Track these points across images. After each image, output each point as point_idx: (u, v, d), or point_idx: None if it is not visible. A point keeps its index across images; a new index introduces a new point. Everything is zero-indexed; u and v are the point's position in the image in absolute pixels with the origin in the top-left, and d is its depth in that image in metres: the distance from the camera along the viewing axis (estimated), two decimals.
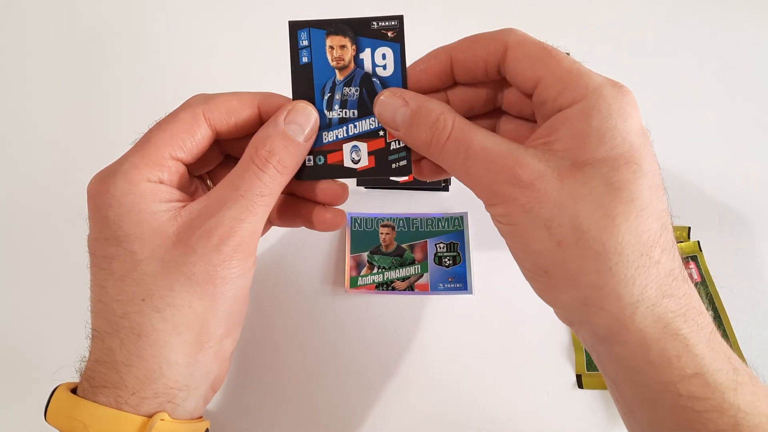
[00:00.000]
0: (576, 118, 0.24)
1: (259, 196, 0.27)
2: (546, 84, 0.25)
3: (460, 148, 0.25)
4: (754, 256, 0.47)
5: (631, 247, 0.23)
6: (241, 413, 0.43)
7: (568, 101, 0.24)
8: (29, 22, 0.58)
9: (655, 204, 0.24)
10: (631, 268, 0.23)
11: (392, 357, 0.44)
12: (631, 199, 0.23)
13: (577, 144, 0.24)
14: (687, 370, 0.23)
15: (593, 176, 0.23)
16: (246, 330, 0.45)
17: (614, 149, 0.23)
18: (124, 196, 0.26)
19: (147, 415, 0.26)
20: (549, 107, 0.25)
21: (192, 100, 0.29)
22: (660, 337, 0.23)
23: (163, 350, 0.26)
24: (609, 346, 0.25)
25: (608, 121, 0.23)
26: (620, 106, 0.24)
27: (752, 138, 0.52)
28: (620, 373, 0.25)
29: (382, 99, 0.28)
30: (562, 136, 0.24)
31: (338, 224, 0.33)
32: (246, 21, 0.57)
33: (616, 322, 0.24)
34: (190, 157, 0.28)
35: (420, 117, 0.26)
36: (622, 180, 0.23)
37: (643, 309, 0.23)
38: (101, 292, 0.26)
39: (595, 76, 0.25)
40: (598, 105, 0.23)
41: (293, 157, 0.28)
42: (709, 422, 0.23)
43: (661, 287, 0.24)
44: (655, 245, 0.24)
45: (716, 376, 0.23)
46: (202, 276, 0.26)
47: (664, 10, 0.57)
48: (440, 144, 0.26)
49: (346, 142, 0.29)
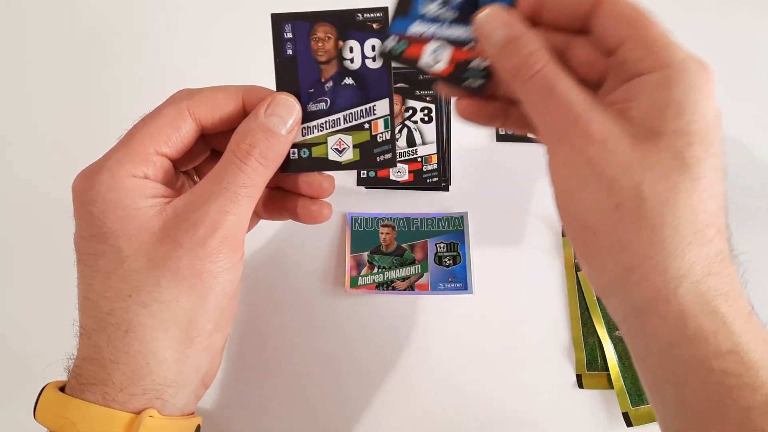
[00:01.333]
0: (657, 87, 0.24)
1: (243, 188, 0.27)
2: (632, 45, 0.25)
3: (544, 87, 0.25)
4: (754, 256, 0.47)
5: (686, 224, 0.23)
6: (241, 413, 0.43)
7: (651, 67, 0.24)
8: (23, 20, 0.58)
9: (717, 186, 0.24)
10: (683, 243, 0.23)
11: (392, 357, 0.44)
12: (698, 177, 0.23)
13: (655, 113, 0.23)
14: (722, 347, 0.23)
15: (666, 148, 0.23)
16: (246, 329, 0.45)
17: (691, 125, 0.23)
18: (109, 192, 0.26)
19: (135, 412, 0.25)
20: (629, 69, 0.25)
21: (176, 95, 0.29)
22: (699, 313, 0.23)
23: (150, 346, 0.26)
24: (645, 317, 0.24)
25: (689, 95, 0.23)
26: (702, 82, 0.23)
27: (752, 138, 0.52)
28: (652, 347, 0.25)
29: (486, 12, 0.27)
30: (640, 104, 0.24)
31: (324, 217, 0.33)
32: (245, 20, 0.57)
33: (658, 294, 0.24)
34: (175, 152, 0.28)
35: (517, 44, 0.26)
36: (693, 157, 0.23)
37: (687, 284, 0.23)
38: (88, 289, 0.26)
39: (683, 49, 0.24)
40: (682, 77, 0.23)
41: (275, 150, 0.28)
42: (740, 398, 0.23)
43: (708, 265, 0.23)
44: (711, 225, 0.23)
45: (751, 354, 0.23)
46: (188, 271, 0.26)
47: (664, 10, 0.57)
48: (527, 75, 0.25)
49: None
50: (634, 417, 0.42)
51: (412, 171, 0.48)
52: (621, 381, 0.43)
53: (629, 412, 0.42)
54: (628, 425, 0.42)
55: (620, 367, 0.44)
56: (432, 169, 0.47)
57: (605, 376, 0.44)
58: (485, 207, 0.49)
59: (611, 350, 0.44)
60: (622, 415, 0.42)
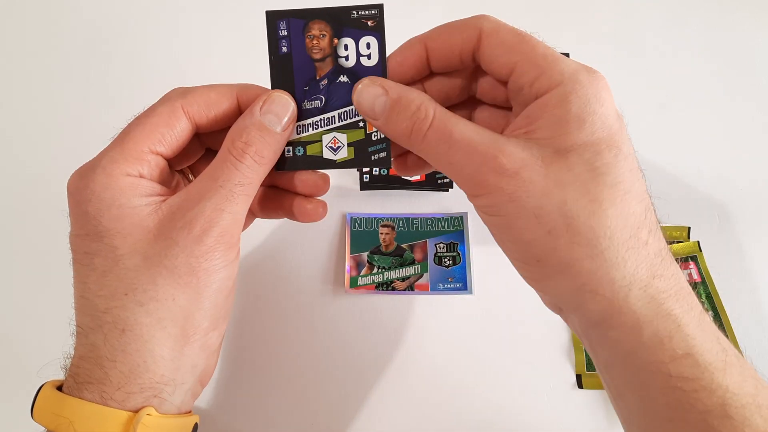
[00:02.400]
0: (555, 105, 0.24)
1: (239, 186, 0.27)
2: (521, 70, 0.25)
3: (442, 138, 0.25)
4: (754, 256, 0.47)
5: (619, 230, 0.23)
6: (241, 412, 0.43)
7: (545, 87, 0.24)
8: (20, 18, 0.58)
9: (637, 186, 0.24)
10: (621, 250, 0.23)
11: (392, 357, 0.44)
12: (615, 182, 0.23)
13: (558, 131, 0.24)
14: (678, 351, 0.23)
15: (577, 162, 0.23)
16: (245, 329, 0.45)
17: (594, 133, 0.24)
18: (104, 191, 0.26)
19: (133, 410, 0.25)
20: (525, 94, 0.25)
21: (170, 93, 0.29)
22: (653, 318, 0.24)
23: (147, 344, 0.26)
24: (603, 330, 0.25)
25: (587, 106, 0.23)
26: (596, 90, 0.24)
27: (752, 138, 0.52)
28: (612, 357, 0.25)
29: (360, 88, 0.28)
30: (542, 125, 0.24)
31: (319, 215, 0.33)
32: (244, 18, 0.57)
33: (610, 306, 0.24)
34: (169, 150, 0.28)
35: (400, 106, 0.26)
36: (604, 164, 0.23)
37: (635, 290, 0.24)
38: (84, 288, 0.26)
39: (570, 62, 0.25)
40: (576, 90, 0.24)
41: (270, 147, 0.28)
42: (697, 402, 0.23)
43: (651, 267, 0.24)
44: (642, 226, 0.24)
45: (706, 356, 0.24)
46: (184, 268, 0.26)
47: (664, 10, 0.57)
48: (421, 134, 0.26)
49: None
50: None
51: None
52: None
53: None
54: None
55: None
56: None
57: None
58: None
59: None
60: None
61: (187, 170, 0.34)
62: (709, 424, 0.23)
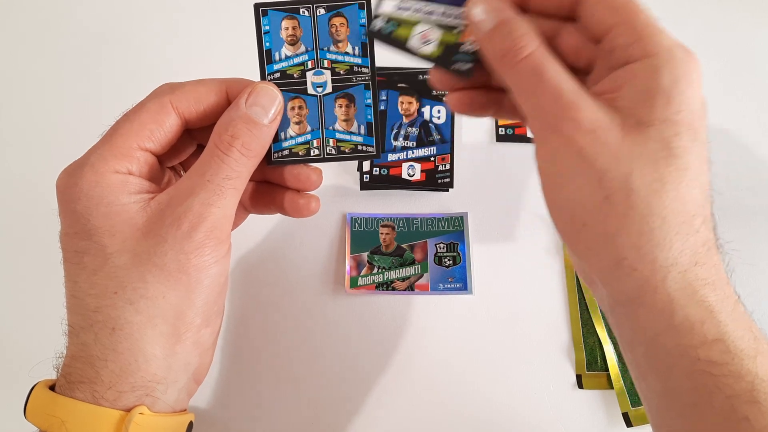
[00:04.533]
0: (644, 75, 0.24)
1: (227, 180, 0.27)
2: (620, 32, 0.24)
3: (534, 72, 0.25)
4: (754, 256, 0.47)
5: (674, 214, 0.23)
6: (240, 412, 0.43)
7: (639, 54, 0.24)
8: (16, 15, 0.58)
9: (703, 176, 0.24)
10: (671, 233, 0.23)
11: (392, 357, 0.44)
12: (685, 167, 0.23)
13: (643, 102, 0.23)
14: (709, 336, 0.23)
15: (654, 138, 0.23)
16: (245, 329, 0.45)
17: (679, 113, 0.23)
18: (92, 188, 0.26)
19: (125, 410, 0.25)
20: (617, 56, 0.25)
21: (159, 89, 0.28)
22: (686, 302, 0.23)
23: (138, 343, 0.26)
24: (633, 307, 0.25)
25: (677, 83, 0.23)
26: (689, 70, 0.23)
27: (752, 138, 0.52)
28: (638, 336, 0.25)
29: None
30: (628, 93, 0.24)
31: (311, 210, 0.33)
32: (242, 15, 0.57)
33: (646, 284, 0.24)
34: (159, 147, 0.28)
35: (507, 27, 0.26)
36: (680, 147, 0.23)
37: (674, 273, 0.23)
38: (74, 287, 0.26)
39: (668, 36, 0.24)
40: (669, 65, 0.23)
41: (257, 140, 0.27)
42: (725, 387, 0.23)
43: (695, 255, 0.23)
44: (698, 215, 0.24)
45: (737, 343, 0.23)
46: (174, 265, 0.26)
47: (663, 10, 0.57)
48: (515, 59, 0.25)
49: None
50: (633, 417, 0.42)
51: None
52: (621, 381, 0.43)
53: (629, 413, 0.42)
54: (628, 425, 0.42)
55: (620, 368, 0.44)
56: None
57: (605, 377, 0.44)
58: (485, 207, 0.49)
59: (611, 350, 0.44)
60: (622, 416, 0.42)
61: (179, 167, 0.33)
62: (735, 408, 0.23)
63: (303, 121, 0.29)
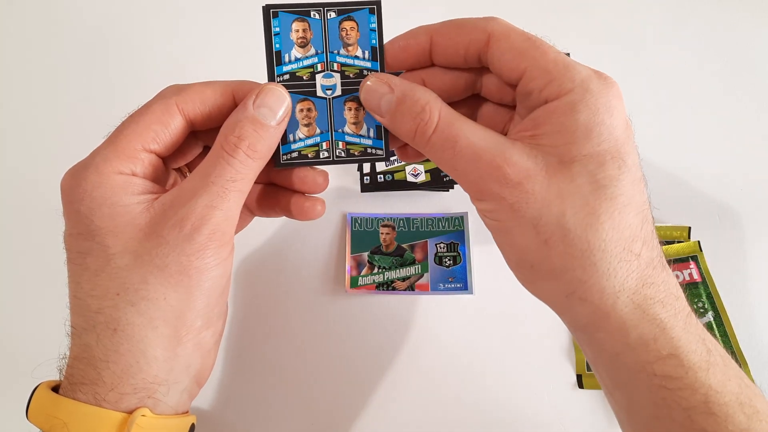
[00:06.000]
0: (562, 112, 0.24)
1: (231, 182, 0.26)
2: (531, 76, 0.25)
3: (447, 143, 0.25)
4: (754, 256, 0.47)
5: (613, 243, 0.24)
6: (241, 412, 0.43)
7: (554, 93, 0.24)
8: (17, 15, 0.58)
9: (637, 198, 0.24)
10: (613, 262, 0.24)
11: (392, 357, 0.44)
12: (615, 195, 0.24)
13: (564, 139, 0.24)
14: (662, 352, 0.24)
15: (579, 173, 0.24)
16: (245, 329, 0.45)
17: (600, 144, 0.24)
18: (95, 189, 0.26)
19: (127, 411, 0.25)
20: (534, 99, 0.25)
21: (165, 91, 0.28)
22: (638, 322, 0.24)
23: (139, 345, 0.25)
24: (590, 332, 0.26)
25: (595, 116, 0.24)
26: (606, 99, 0.24)
27: (752, 137, 0.52)
28: (599, 357, 0.26)
29: (368, 84, 0.27)
30: (548, 131, 0.24)
31: (317, 213, 0.33)
32: (247, 15, 0.57)
33: (597, 312, 0.25)
34: (163, 148, 0.28)
35: (405, 105, 0.26)
36: (607, 177, 0.24)
37: (623, 298, 0.24)
38: (77, 288, 0.26)
39: (581, 68, 0.24)
40: (585, 99, 0.24)
41: (264, 142, 0.27)
42: (681, 400, 0.24)
43: (641, 277, 0.24)
44: (636, 239, 0.24)
45: (690, 356, 0.24)
46: (175, 267, 0.25)
47: (663, 10, 0.57)
48: (426, 136, 0.26)
49: None
50: None
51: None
52: None
53: None
54: None
55: None
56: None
57: None
58: None
59: None
60: None
61: (185, 168, 0.33)
62: (693, 420, 0.24)
63: (312, 124, 0.29)
